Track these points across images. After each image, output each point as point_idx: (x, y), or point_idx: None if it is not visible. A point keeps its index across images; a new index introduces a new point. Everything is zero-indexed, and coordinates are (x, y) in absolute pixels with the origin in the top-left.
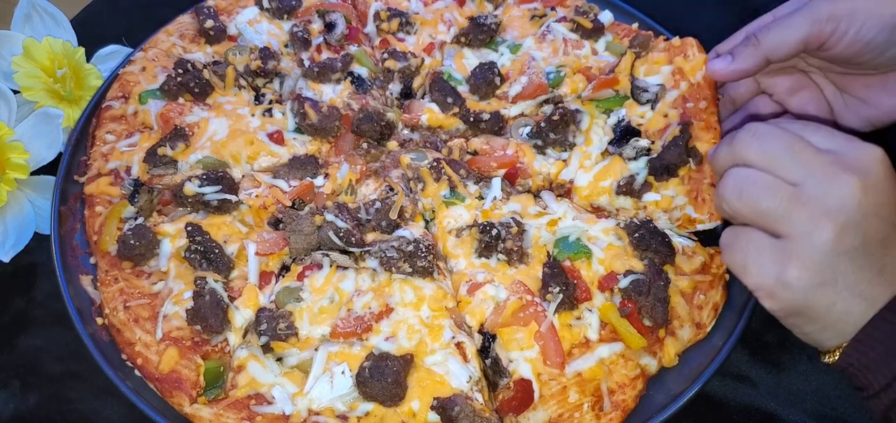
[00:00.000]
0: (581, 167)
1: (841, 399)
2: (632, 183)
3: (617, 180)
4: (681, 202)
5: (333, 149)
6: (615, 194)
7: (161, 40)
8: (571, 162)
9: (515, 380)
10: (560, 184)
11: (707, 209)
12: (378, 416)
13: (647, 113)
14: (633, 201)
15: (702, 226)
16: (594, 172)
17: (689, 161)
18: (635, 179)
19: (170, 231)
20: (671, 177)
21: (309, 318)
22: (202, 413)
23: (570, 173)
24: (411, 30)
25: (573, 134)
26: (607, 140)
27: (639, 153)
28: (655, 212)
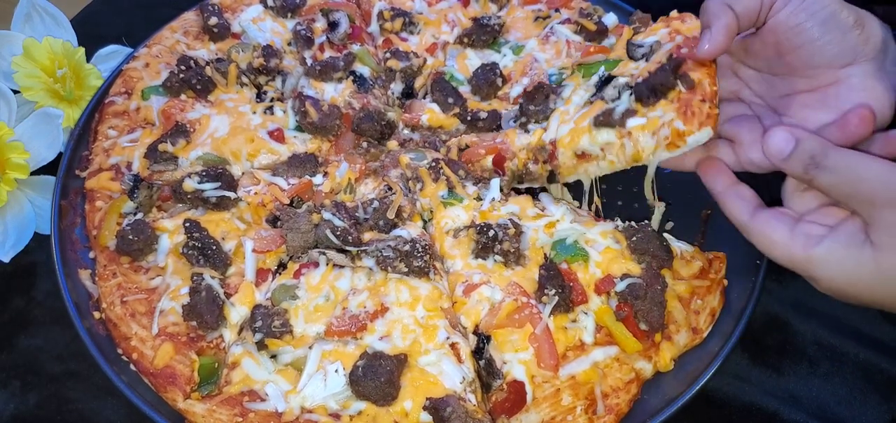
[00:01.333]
0: (561, 123)
1: (841, 405)
2: (610, 114)
3: (593, 114)
4: (668, 118)
5: (333, 147)
6: (594, 128)
7: (165, 37)
8: (551, 124)
9: (508, 382)
10: (541, 148)
11: (697, 120)
12: (370, 415)
13: (642, 64)
14: (616, 132)
15: (691, 138)
16: (574, 118)
17: (678, 83)
18: (614, 110)
19: (168, 227)
20: (658, 99)
21: (304, 316)
22: (196, 409)
23: (550, 135)
24: (414, 30)
25: (553, 102)
26: (588, 95)
27: (621, 90)
28: (642, 136)
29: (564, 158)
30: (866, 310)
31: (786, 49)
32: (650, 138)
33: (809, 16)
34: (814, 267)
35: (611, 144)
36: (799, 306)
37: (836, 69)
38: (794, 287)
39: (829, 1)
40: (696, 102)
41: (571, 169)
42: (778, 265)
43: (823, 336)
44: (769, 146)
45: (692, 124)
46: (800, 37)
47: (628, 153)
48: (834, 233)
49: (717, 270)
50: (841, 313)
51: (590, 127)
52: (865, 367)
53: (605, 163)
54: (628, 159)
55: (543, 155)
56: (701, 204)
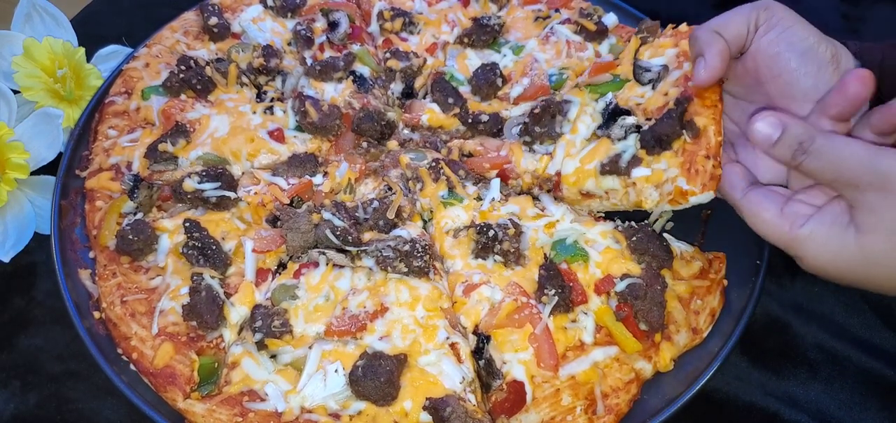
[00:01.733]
0: (567, 156)
1: (841, 410)
2: (617, 161)
3: (601, 161)
4: (672, 174)
5: (333, 148)
6: (600, 175)
7: (165, 37)
8: (556, 154)
9: (508, 382)
10: (547, 179)
11: (700, 180)
12: (370, 415)
13: (647, 92)
14: (621, 180)
15: (694, 198)
16: (580, 157)
17: (684, 133)
18: (621, 157)
19: (168, 227)
20: (664, 149)
21: (304, 316)
22: (195, 409)
23: (555, 166)
24: (414, 30)
25: (560, 124)
26: (596, 125)
27: (628, 131)
28: (645, 188)
29: (569, 194)
30: (867, 316)
31: (764, 77)
32: (654, 191)
33: (788, 46)
34: (799, 246)
35: (615, 191)
36: (800, 309)
37: (810, 102)
38: (795, 290)
39: (808, 33)
40: (701, 159)
41: (576, 202)
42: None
43: (824, 340)
44: (756, 133)
45: (695, 184)
46: (778, 66)
47: (632, 200)
48: (819, 214)
49: (717, 270)
50: (842, 318)
51: (596, 172)
52: (866, 373)
53: (608, 203)
54: (631, 205)
55: (548, 185)
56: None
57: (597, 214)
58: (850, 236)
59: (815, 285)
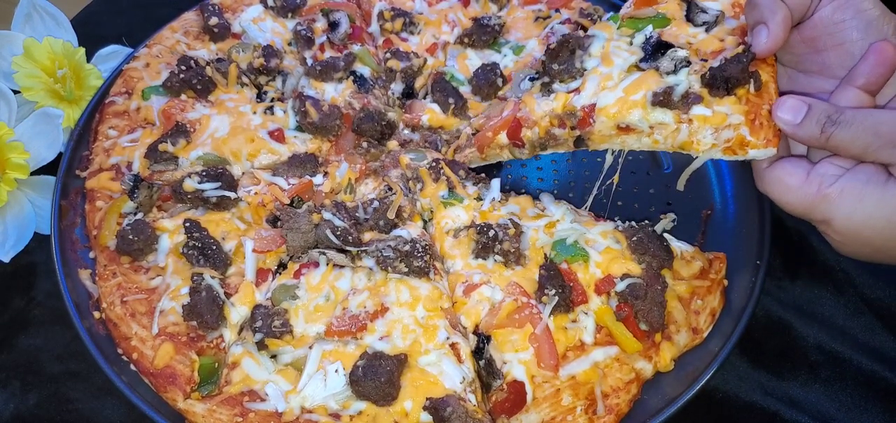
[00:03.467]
0: (603, 88)
1: (842, 411)
2: (670, 94)
3: (652, 90)
4: (736, 121)
5: (334, 148)
6: (650, 106)
7: (165, 37)
8: (587, 86)
9: (509, 382)
10: (570, 113)
11: (763, 134)
12: (370, 415)
13: (700, 34)
14: (674, 114)
15: (754, 151)
16: (623, 87)
17: (751, 82)
18: (674, 90)
19: (168, 227)
20: (728, 93)
21: (304, 316)
22: (196, 409)
23: (585, 99)
24: (415, 30)
25: (580, 60)
26: (635, 59)
27: (678, 65)
28: (702, 128)
29: (603, 127)
30: (868, 318)
31: (822, 46)
32: (710, 135)
33: (854, 15)
34: (828, 206)
35: (664, 126)
36: (801, 310)
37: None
38: (795, 291)
39: (873, 5)
40: (765, 113)
41: (606, 138)
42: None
43: (825, 342)
44: (781, 113)
45: (758, 137)
46: (841, 35)
47: (679, 140)
48: (853, 172)
49: (718, 270)
50: (843, 320)
51: (645, 102)
52: (867, 375)
53: (648, 140)
54: (676, 145)
55: (572, 120)
56: (701, 204)
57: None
58: (891, 191)
59: (815, 287)
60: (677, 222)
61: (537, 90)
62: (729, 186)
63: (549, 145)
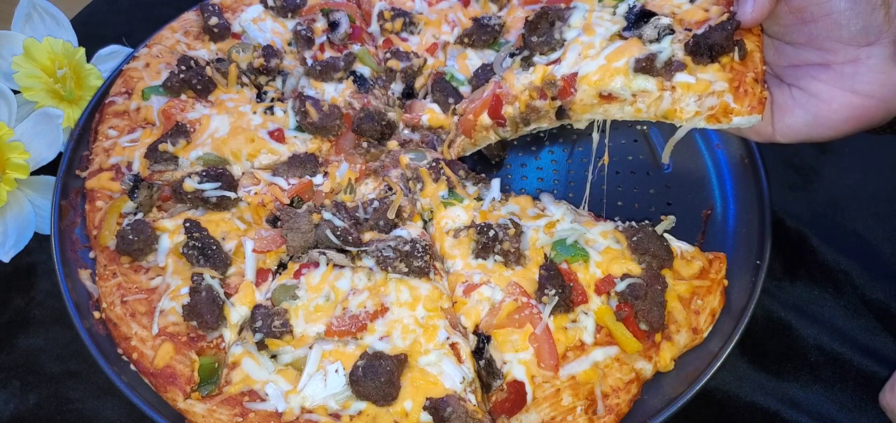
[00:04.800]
0: (584, 58)
1: (842, 411)
2: (653, 61)
3: (634, 57)
4: (719, 88)
5: (334, 148)
6: (633, 73)
7: (165, 37)
8: (567, 56)
9: (509, 382)
10: (551, 83)
11: (747, 102)
12: (370, 415)
13: (685, 4)
14: (657, 81)
15: (738, 119)
16: (605, 55)
17: (735, 51)
18: (656, 57)
19: (169, 227)
20: (712, 61)
21: (304, 316)
22: (196, 409)
23: (565, 68)
24: (415, 30)
25: (560, 31)
26: (617, 28)
27: (661, 33)
28: (685, 96)
29: (584, 96)
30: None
31: (810, 17)
32: (693, 102)
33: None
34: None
35: (646, 93)
36: (801, 311)
37: (856, 47)
38: (795, 291)
39: None
40: (750, 81)
41: (588, 108)
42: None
43: (825, 342)
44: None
45: (742, 104)
46: (828, 5)
47: (662, 108)
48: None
49: (718, 270)
50: (842, 321)
51: (627, 69)
52: (867, 376)
53: (631, 109)
54: (659, 114)
55: (553, 90)
56: (701, 204)
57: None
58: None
59: (815, 287)
60: (677, 222)
61: (517, 66)
62: (729, 186)
63: (531, 120)
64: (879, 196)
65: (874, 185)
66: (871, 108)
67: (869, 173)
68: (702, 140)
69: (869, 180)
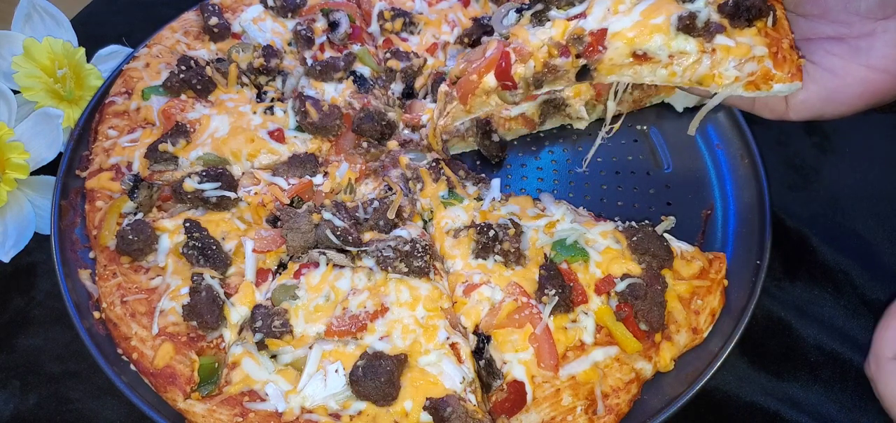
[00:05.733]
0: (613, 13)
1: (842, 412)
2: (694, 19)
3: (676, 14)
4: (760, 52)
5: (334, 148)
6: (675, 31)
7: (165, 37)
8: (594, 10)
9: (509, 382)
10: (577, 39)
11: (787, 68)
12: (370, 415)
13: None
14: (697, 42)
15: (779, 86)
16: (640, 10)
17: (770, 15)
18: (696, 17)
19: (168, 227)
20: (749, 25)
21: (304, 316)
22: (196, 409)
23: (593, 23)
24: (415, 30)
25: None
26: None
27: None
28: (725, 60)
29: (616, 55)
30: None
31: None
32: (732, 67)
33: None
34: None
35: (685, 55)
36: (801, 311)
37: (872, 20)
38: (795, 292)
39: None
40: (787, 46)
41: (616, 68)
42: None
43: (825, 342)
44: None
45: (783, 70)
46: None
47: (699, 73)
48: None
49: (718, 270)
50: (843, 321)
51: (668, 27)
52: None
53: (664, 72)
54: (693, 79)
55: (578, 47)
56: (701, 204)
57: (635, 98)
58: None
59: (815, 287)
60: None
61: (527, 22)
62: (729, 186)
63: (545, 81)
64: (880, 196)
65: (874, 185)
66: (886, 83)
67: (869, 173)
68: (702, 140)
69: (869, 180)
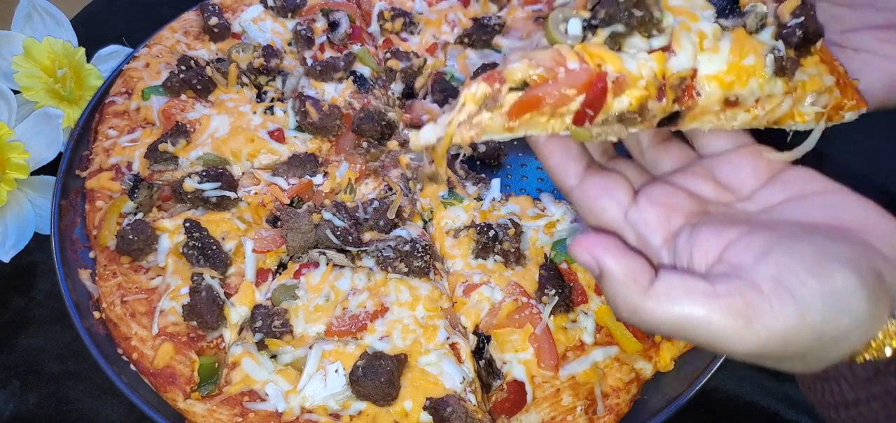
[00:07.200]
0: (700, 50)
1: None
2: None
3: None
4: (829, 81)
5: (334, 148)
6: (772, 74)
7: (165, 37)
8: (683, 45)
9: (509, 382)
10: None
11: (851, 93)
12: (370, 415)
13: None
14: (783, 82)
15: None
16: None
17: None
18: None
19: (168, 227)
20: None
21: (304, 316)
22: (196, 409)
23: (685, 62)
24: (415, 30)
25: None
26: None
27: (760, 23)
28: (805, 96)
29: (709, 101)
30: None
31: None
32: (809, 104)
33: None
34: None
35: (772, 98)
36: None
37: None
38: None
39: None
40: (842, 70)
41: (706, 115)
42: None
43: None
44: None
45: (849, 96)
46: None
47: (779, 114)
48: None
49: None
50: None
51: (763, 69)
52: None
53: (746, 116)
54: (773, 120)
55: (677, 91)
56: None
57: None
58: None
59: None
60: None
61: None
62: None
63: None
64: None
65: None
66: None
67: (870, 173)
68: None
69: (870, 180)
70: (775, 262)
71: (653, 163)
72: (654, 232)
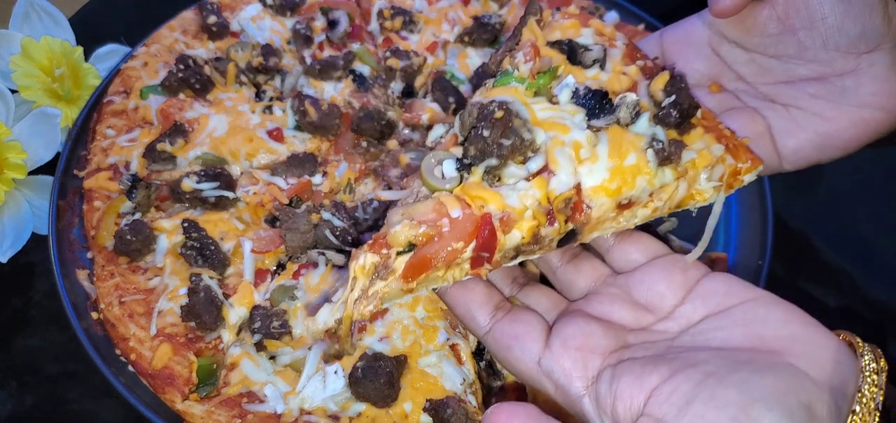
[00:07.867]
0: (578, 162)
1: None
2: (662, 148)
3: (649, 148)
4: (718, 151)
5: (333, 147)
6: (657, 167)
7: (163, 36)
8: (560, 163)
9: (509, 383)
10: (566, 202)
11: (743, 155)
12: (370, 417)
13: (602, 74)
14: (672, 169)
15: (747, 176)
16: (604, 153)
17: (699, 107)
18: (662, 141)
19: (167, 227)
20: (688, 128)
21: (303, 317)
22: (194, 410)
23: (566, 180)
24: (415, 28)
25: (524, 128)
26: (578, 117)
27: (634, 113)
28: (697, 174)
29: (601, 211)
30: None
31: (799, 24)
32: (704, 180)
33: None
34: None
35: (665, 187)
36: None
37: (855, 56)
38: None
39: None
40: (726, 131)
41: (599, 225)
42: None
43: None
44: (722, 9)
45: (741, 159)
46: (820, 8)
47: (677, 198)
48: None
49: (720, 270)
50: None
51: (648, 164)
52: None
53: (646, 211)
54: (674, 205)
55: (566, 212)
56: None
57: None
58: None
59: (816, 288)
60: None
61: (478, 179)
62: None
63: (526, 252)
64: (882, 197)
65: (877, 185)
66: (880, 120)
67: (872, 174)
68: None
69: (872, 181)
70: (700, 417)
71: (566, 284)
72: (573, 380)
